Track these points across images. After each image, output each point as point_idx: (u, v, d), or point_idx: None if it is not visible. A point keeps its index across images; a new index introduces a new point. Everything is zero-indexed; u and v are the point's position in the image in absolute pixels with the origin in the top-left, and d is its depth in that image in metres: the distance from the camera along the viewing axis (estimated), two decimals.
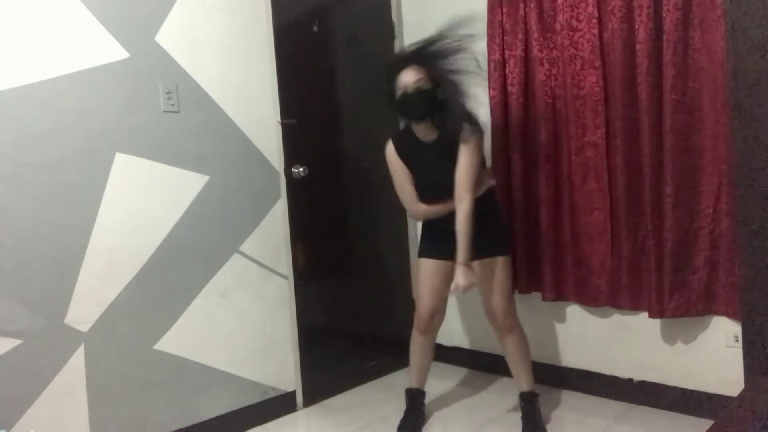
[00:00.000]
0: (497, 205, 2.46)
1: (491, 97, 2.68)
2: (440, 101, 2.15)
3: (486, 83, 2.64)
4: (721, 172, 2.19)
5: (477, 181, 2.20)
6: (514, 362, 2.39)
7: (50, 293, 2.05)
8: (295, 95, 2.74)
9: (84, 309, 2.11)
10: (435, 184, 2.28)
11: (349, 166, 3.17)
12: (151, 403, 2.28)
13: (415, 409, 2.49)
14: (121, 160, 2.21)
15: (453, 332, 3.14)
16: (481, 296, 2.38)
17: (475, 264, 2.26)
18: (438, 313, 2.43)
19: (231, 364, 2.51)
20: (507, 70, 2.65)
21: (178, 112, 2.36)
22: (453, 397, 2.75)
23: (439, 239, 2.34)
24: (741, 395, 1.71)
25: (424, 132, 2.28)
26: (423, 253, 2.43)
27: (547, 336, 2.77)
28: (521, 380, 2.38)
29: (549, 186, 2.58)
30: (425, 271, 2.39)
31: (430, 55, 2.16)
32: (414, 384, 2.51)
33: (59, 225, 2.07)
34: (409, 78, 2.14)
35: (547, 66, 2.57)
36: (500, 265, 2.31)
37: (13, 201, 1.98)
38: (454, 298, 2.45)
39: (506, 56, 2.65)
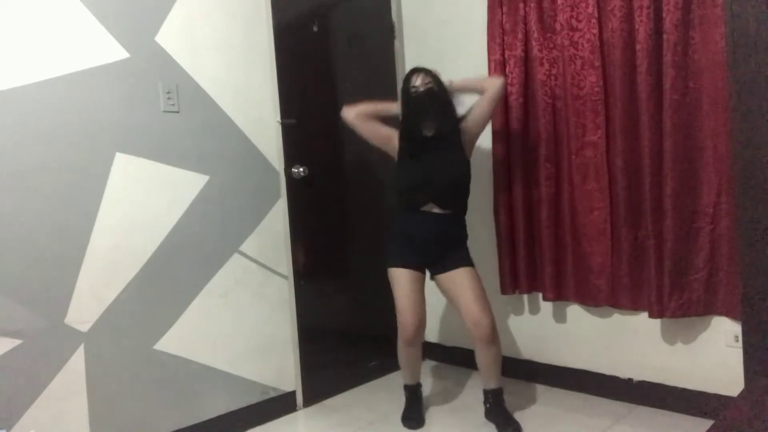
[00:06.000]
0: (465, 228, 2.47)
1: None
2: (442, 102, 2.37)
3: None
4: (721, 172, 2.19)
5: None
6: (487, 368, 2.36)
7: (50, 293, 2.05)
8: (295, 95, 2.74)
9: (84, 309, 2.11)
10: (424, 175, 2.34)
11: (349, 166, 3.16)
12: (151, 403, 2.28)
13: (416, 400, 2.57)
14: (121, 160, 2.21)
15: (453, 332, 3.13)
16: (459, 309, 2.34)
17: (444, 277, 2.37)
18: (422, 323, 2.41)
19: (231, 364, 2.51)
20: (507, 70, 2.66)
21: (178, 112, 2.36)
22: (453, 396, 2.75)
23: (408, 249, 2.38)
24: (741, 395, 1.71)
25: (426, 127, 2.36)
26: (395, 262, 2.41)
27: (547, 336, 2.77)
28: (491, 380, 2.37)
29: (549, 186, 2.58)
30: (401, 280, 2.38)
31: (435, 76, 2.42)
32: (410, 382, 2.57)
33: (59, 225, 2.07)
34: (419, 80, 2.38)
35: (547, 66, 2.57)
36: (471, 273, 2.34)
37: (14, 201, 1.98)
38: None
39: (506, 56, 2.66)
